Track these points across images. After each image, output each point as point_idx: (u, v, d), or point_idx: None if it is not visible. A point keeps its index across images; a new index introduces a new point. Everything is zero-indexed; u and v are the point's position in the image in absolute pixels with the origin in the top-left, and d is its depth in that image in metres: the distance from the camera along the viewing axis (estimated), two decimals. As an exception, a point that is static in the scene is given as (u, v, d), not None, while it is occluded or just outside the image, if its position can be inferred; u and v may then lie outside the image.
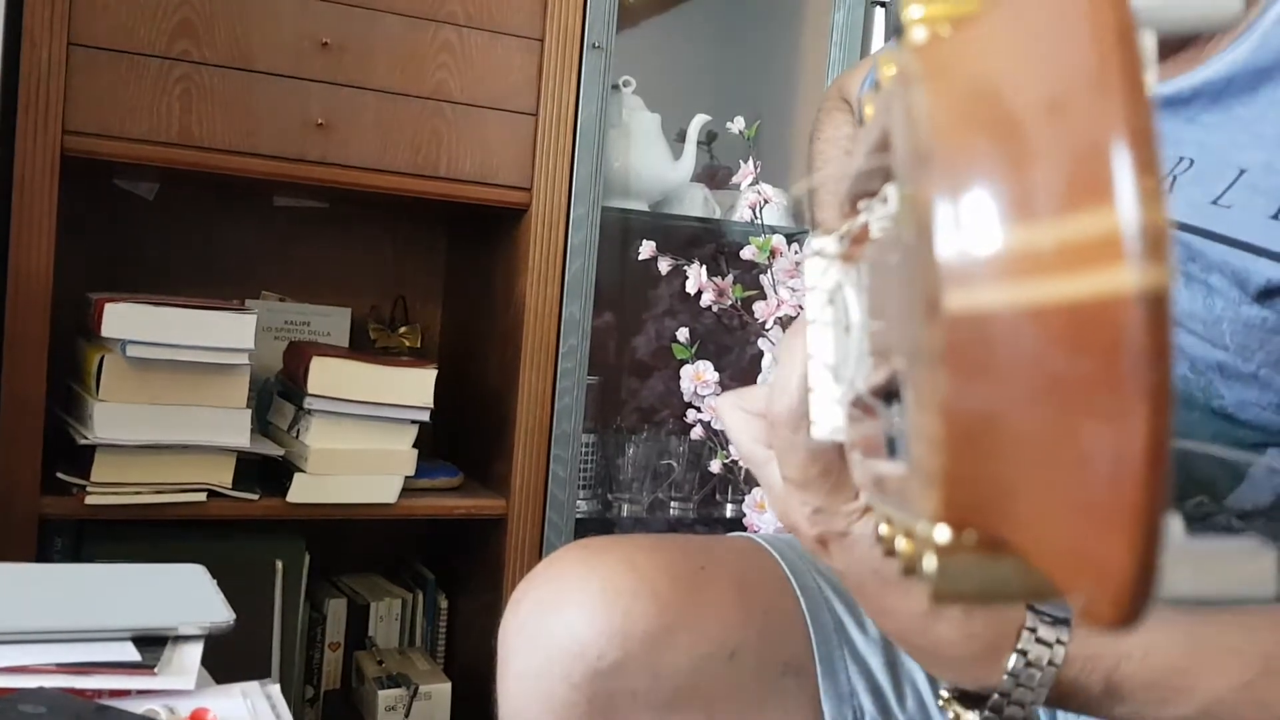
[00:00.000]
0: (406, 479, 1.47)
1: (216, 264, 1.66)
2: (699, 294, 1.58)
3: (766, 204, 1.63)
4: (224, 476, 1.35)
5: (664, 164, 1.73)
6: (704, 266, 1.58)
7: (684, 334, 1.61)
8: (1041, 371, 0.20)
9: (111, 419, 1.27)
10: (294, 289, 1.71)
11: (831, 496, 0.47)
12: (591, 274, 1.54)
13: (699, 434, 1.62)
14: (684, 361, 1.60)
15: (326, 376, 1.40)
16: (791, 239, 1.64)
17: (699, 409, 1.60)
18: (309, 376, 1.40)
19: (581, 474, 1.65)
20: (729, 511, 1.80)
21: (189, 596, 0.83)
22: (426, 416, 1.46)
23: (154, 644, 0.74)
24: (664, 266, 1.60)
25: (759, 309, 1.58)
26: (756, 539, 0.77)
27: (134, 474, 1.29)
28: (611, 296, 1.83)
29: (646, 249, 1.59)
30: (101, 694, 0.69)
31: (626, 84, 1.72)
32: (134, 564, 0.89)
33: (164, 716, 0.68)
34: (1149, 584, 0.19)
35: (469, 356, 1.70)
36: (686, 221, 1.78)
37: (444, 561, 1.74)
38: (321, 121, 1.38)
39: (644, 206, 1.73)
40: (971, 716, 0.52)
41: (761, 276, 1.60)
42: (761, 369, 1.60)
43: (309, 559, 1.52)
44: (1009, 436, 0.21)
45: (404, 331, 1.76)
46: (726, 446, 1.60)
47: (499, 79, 1.47)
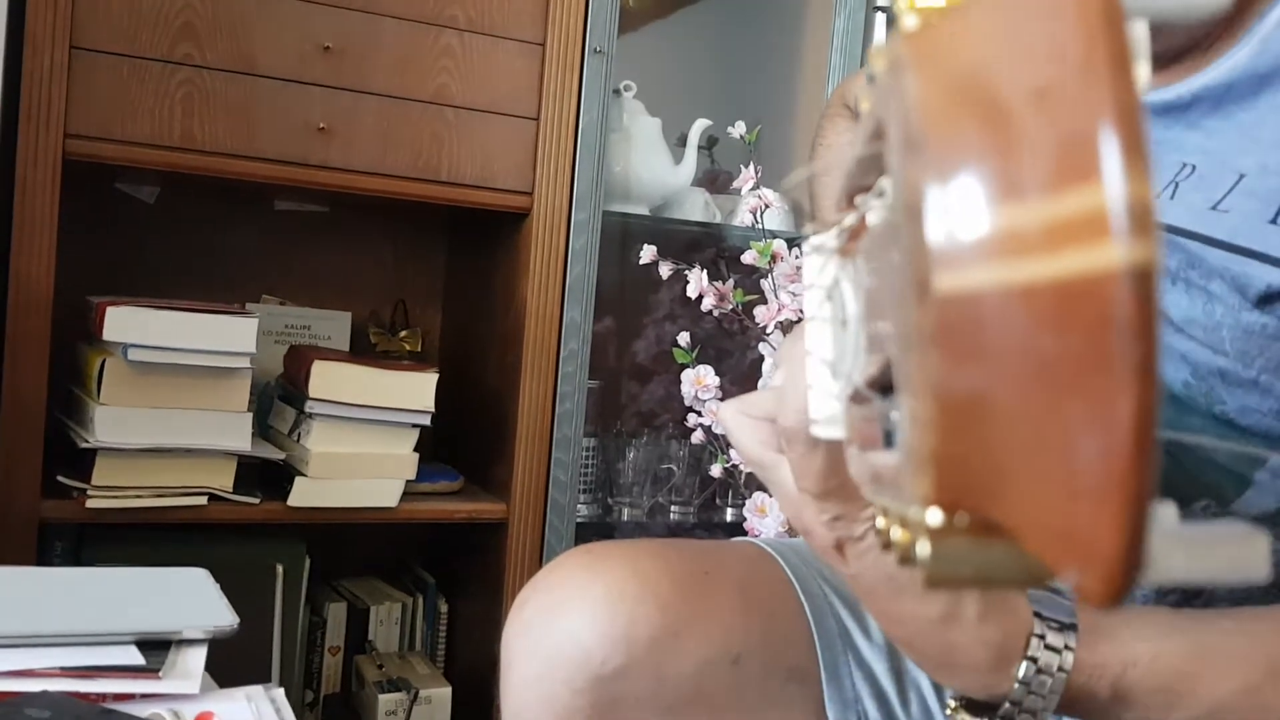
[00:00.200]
0: (407, 483, 1.47)
1: (217, 268, 1.66)
2: (700, 298, 1.58)
3: (767, 209, 1.63)
4: (225, 480, 1.35)
5: (665, 168, 1.73)
6: (705, 271, 1.58)
7: (685, 338, 1.61)
8: (1030, 350, 0.20)
9: (112, 422, 1.27)
10: (294, 293, 1.71)
11: (849, 504, 0.47)
12: (592, 278, 1.54)
13: (700, 438, 1.62)
14: (685, 366, 1.60)
15: (328, 380, 1.40)
16: (792, 244, 1.64)
17: (700, 413, 1.60)
18: (310, 380, 1.40)
19: (582, 478, 1.65)
20: (729, 516, 1.80)
21: (192, 600, 0.83)
22: (428, 421, 1.46)
23: (158, 648, 0.74)
24: (665, 271, 1.60)
25: (760, 313, 1.58)
26: (761, 544, 0.77)
27: (135, 477, 1.29)
28: (612, 301, 1.83)
29: (647, 253, 1.59)
30: (106, 698, 0.69)
31: (628, 88, 1.73)
32: (137, 567, 0.89)
33: (168, 721, 0.68)
34: (1137, 561, 0.20)
35: (469, 360, 1.70)
36: (687, 226, 1.78)
37: (444, 565, 1.74)
38: (323, 125, 1.38)
39: (645, 211, 1.73)
40: None
41: (762, 281, 1.60)
42: (762, 373, 1.60)
43: (309, 563, 1.52)
44: (999, 416, 0.21)
45: (404, 335, 1.76)
46: (727, 451, 1.60)
47: (500, 83, 1.47)
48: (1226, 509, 0.61)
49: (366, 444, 1.44)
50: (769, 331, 1.58)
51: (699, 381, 1.59)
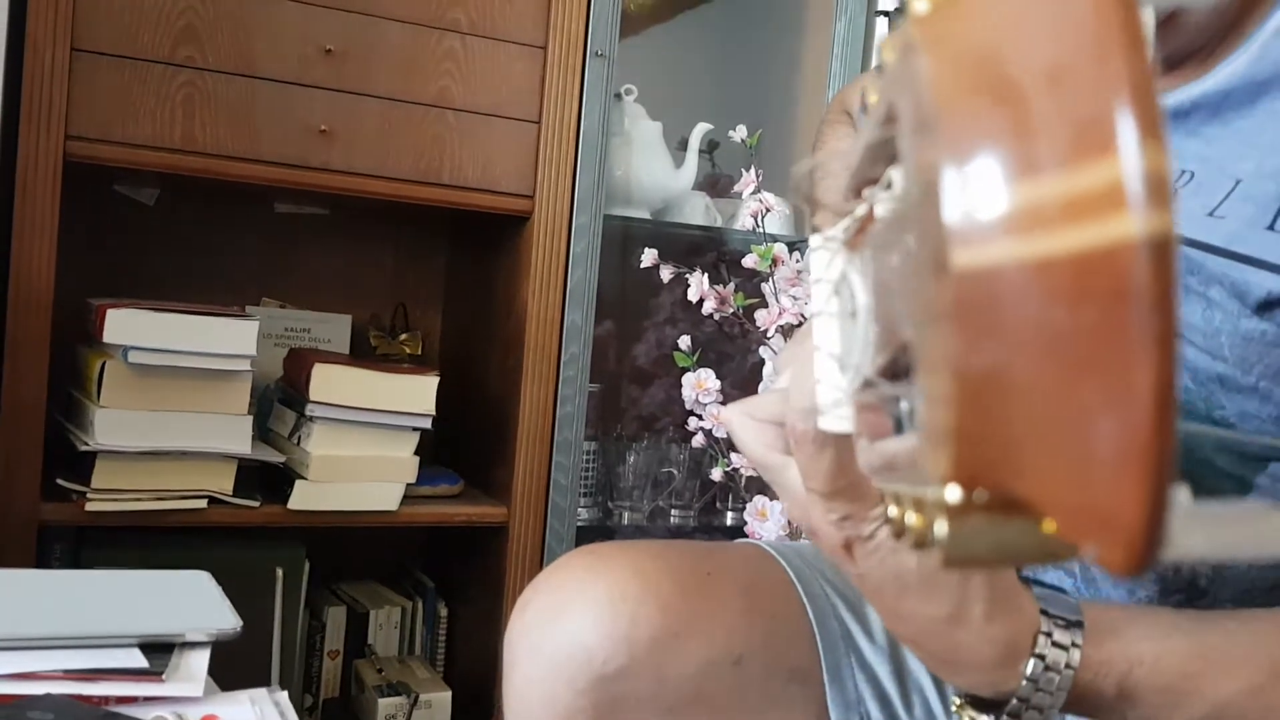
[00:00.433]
0: (407, 486, 1.47)
1: (216, 270, 1.66)
2: (700, 302, 1.58)
3: (768, 212, 1.63)
4: (225, 483, 1.35)
5: (666, 172, 1.73)
6: (706, 275, 1.58)
7: (685, 342, 1.61)
8: (1048, 324, 0.20)
9: (112, 425, 1.26)
10: (294, 295, 1.71)
11: (858, 504, 0.47)
12: (593, 282, 1.54)
13: (700, 442, 1.62)
14: (685, 369, 1.60)
15: (329, 383, 1.40)
16: (793, 248, 1.64)
17: (700, 417, 1.60)
18: (311, 383, 1.39)
19: (582, 482, 1.65)
20: (729, 519, 1.80)
21: (195, 603, 0.82)
22: (428, 424, 1.46)
23: (161, 651, 0.74)
24: (666, 274, 1.60)
25: (760, 317, 1.58)
26: (763, 546, 0.77)
27: (135, 480, 1.29)
28: (613, 304, 1.83)
29: (648, 257, 1.60)
30: (109, 700, 0.69)
31: (629, 92, 1.73)
32: (138, 570, 0.89)
33: (170, 723, 0.68)
34: (1160, 530, 0.20)
35: (470, 364, 1.70)
36: (688, 230, 1.78)
37: (444, 569, 1.74)
38: (324, 128, 1.38)
39: (646, 215, 1.73)
40: None
41: (763, 285, 1.60)
42: (763, 377, 1.60)
43: (308, 566, 1.52)
44: (1018, 390, 0.21)
45: (404, 339, 1.76)
46: (728, 455, 1.60)
47: (502, 86, 1.47)
48: None
49: (367, 447, 1.44)
50: (770, 335, 1.58)
51: (700, 385, 1.59)
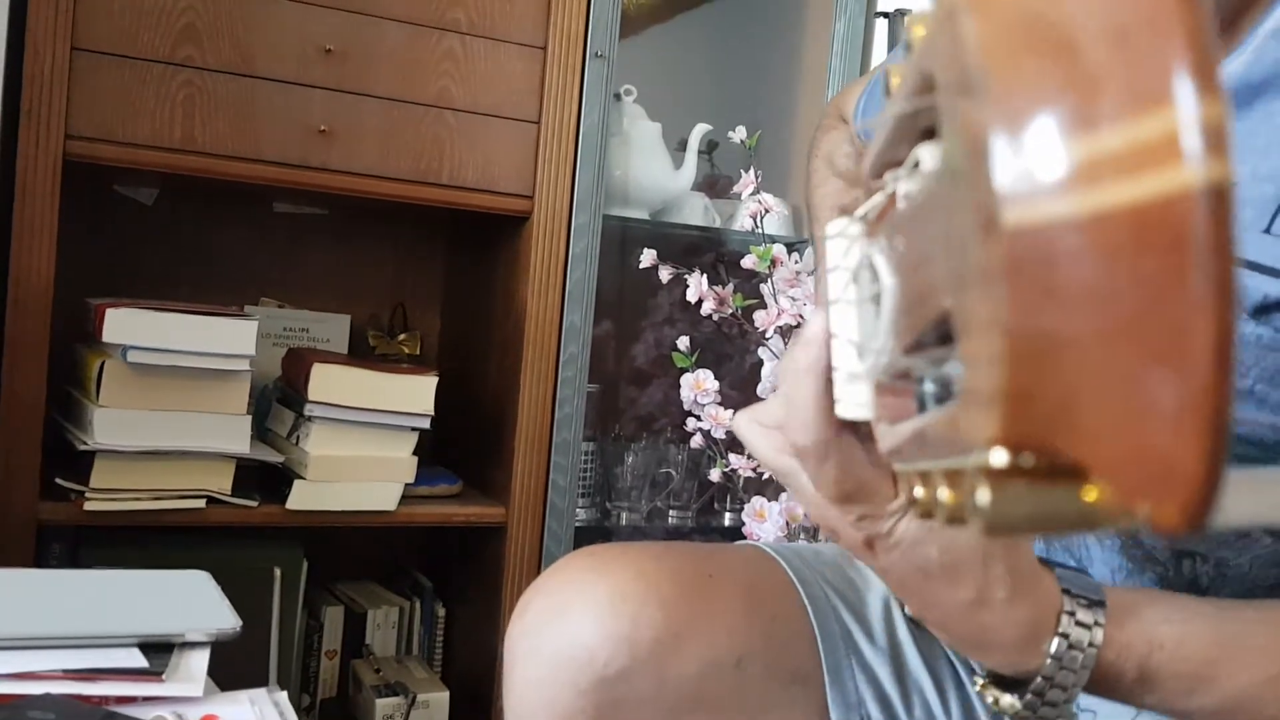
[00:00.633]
0: (406, 486, 1.47)
1: (215, 270, 1.66)
2: (699, 303, 1.58)
3: (767, 213, 1.63)
4: (223, 483, 1.35)
5: (665, 173, 1.73)
6: (704, 275, 1.58)
7: (684, 342, 1.61)
8: (1104, 278, 0.20)
9: (111, 425, 1.26)
10: (293, 295, 1.71)
11: (872, 503, 0.48)
12: (592, 282, 1.54)
13: (698, 442, 1.62)
14: (684, 370, 1.60)
15: (327, 383, 1.40)
16: (792, 248, 1.64)
17: (699, 417, 1.60)
18: (310, 383, 1.39)
19: (580, 482, 1.65)
20: (728, 520, 1.80)
21: (194, 603, 0.82)
22: (427, 424, 1.46)
23: (160, 650, 0.74)
24: (664, 275, 1.60)
25: (759, 318, 1.58)
26: (764, 548, 0.77)
27: (133, 480, 1.29)
28: (612, 305, 1.83)
29: (647, 258, 1.59)
30: (109, 700, 0.69)
31: (628, 93, 1.73)
32: (138, 570, 0.89)
33: (170, 723, 0.68)
34: (1218, 482, 0.20)
35: (468, 364, 1.70)
36: (687, 230, 1.78)
37: (442, 569, 1.74)
38: (324, 128, 1.38)
39: (645, 215, 1.73)
40: (1010, 699, 0.52)
41: (762, 285, 1.61)
42: (762, 378, 1.60)
43: (306, 566, 1.52)
44: (1072, 346, 0.21)
45: (403, 339, 1.76)
46: (726, 455, 1.60)
47: (502, 87, 1.47)
48: None
49: (365, 447, 1.44)
50: (768, 336, 1.58)
51: (698, 386, 1.59)
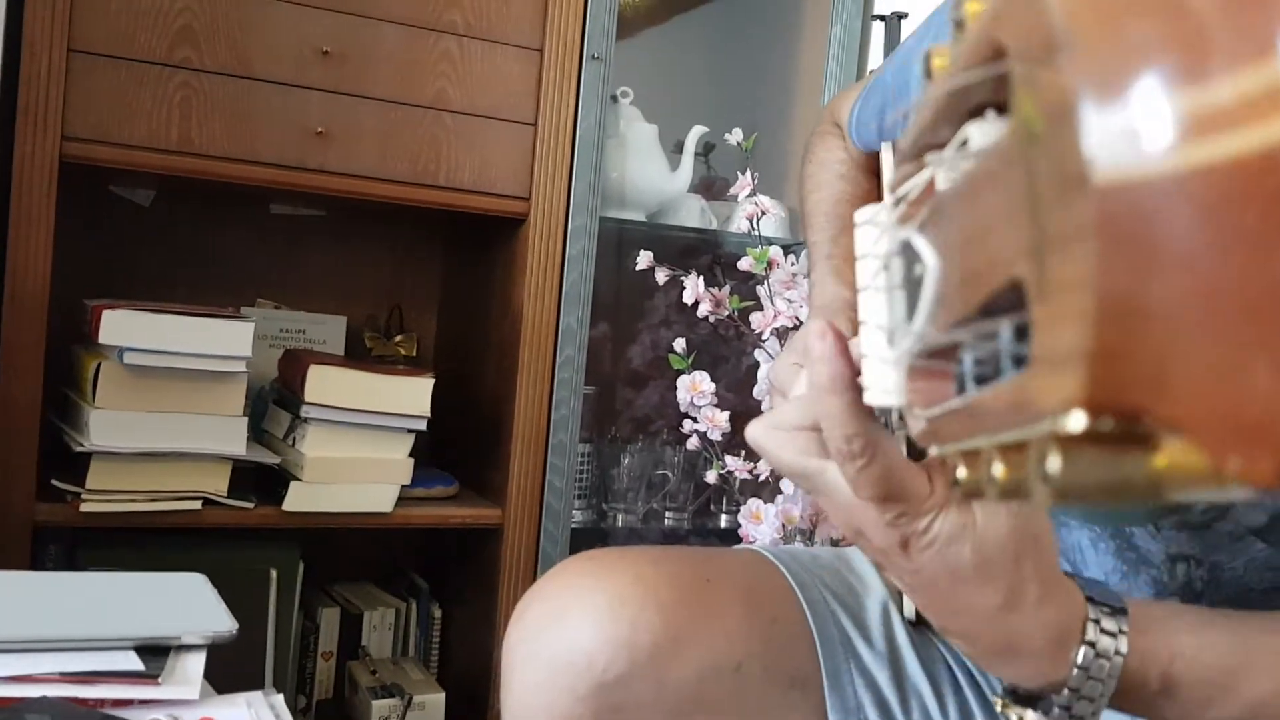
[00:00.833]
0: (402, 488, 1.47)
1: (211, 271, 1.66)
2: (695, 305, 1.58)
3: (763, 215, 1.63)
4: (219, 484, 1.34)
5: (661, 175, 1.74)
6: (701, 277, 1.59)
7: (680, 344, 1.61)
8: (1204, 232, 0.20)
9: (107, 426, 1.26)
10: (290, 296, 1.71)
11: (909, 502, 0.47)
12: (589, 284, 1.54)
13: (694, 444, 1.62)
14: (680, 372, 1.60)
15: (324, 385, 1.40)
16: (788, 250, 1.64)
17: (695, 419, 1.60)
18: (306, 384, 1.39)
19: (577, 484, 1.65)
20: (724, 522, 1.80)
21: (191, 605, 0.82)
22: (424, 426, 1.46)
23: (157, 653, 0.74)
24: (661, 277, 1.60)
25: (755, 320, 1.58)
26: (762, 551, 0.77)
27: (129, 481, 1.29)
28: (608, 306, 1.83)
29: (644, 259, 1.60)
30: (105, 703, 0.69)
31: (625, 95, 1.73)
32: (135, 572, 0.89)
33: (167, 727, 0.68)
34: None
35: (465, 366, 1.70)
36: (684, 232, 1.78)
37: (438, 571, 1.74)
38: (321, 130, 1.38)
39: (641, 217, 1.73)
40: (1034, 716, 0.51)
41: (758, 288, 1.61)
42: (758, 380, 1.60)
43: (303, 567, 1.52)
44: (1165, 302, 0.21)
45: (399, 340, 1.75)
46: (722, 457, 1.60)
47: (498, 89, 1.47)
48: (1224, 515, 0.61)
49: (362, 449, 1.44)
50: (765, 338, 1.58)
51: (694, 388, 1.59)
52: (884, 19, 1.79)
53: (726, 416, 1.57)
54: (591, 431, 1.76)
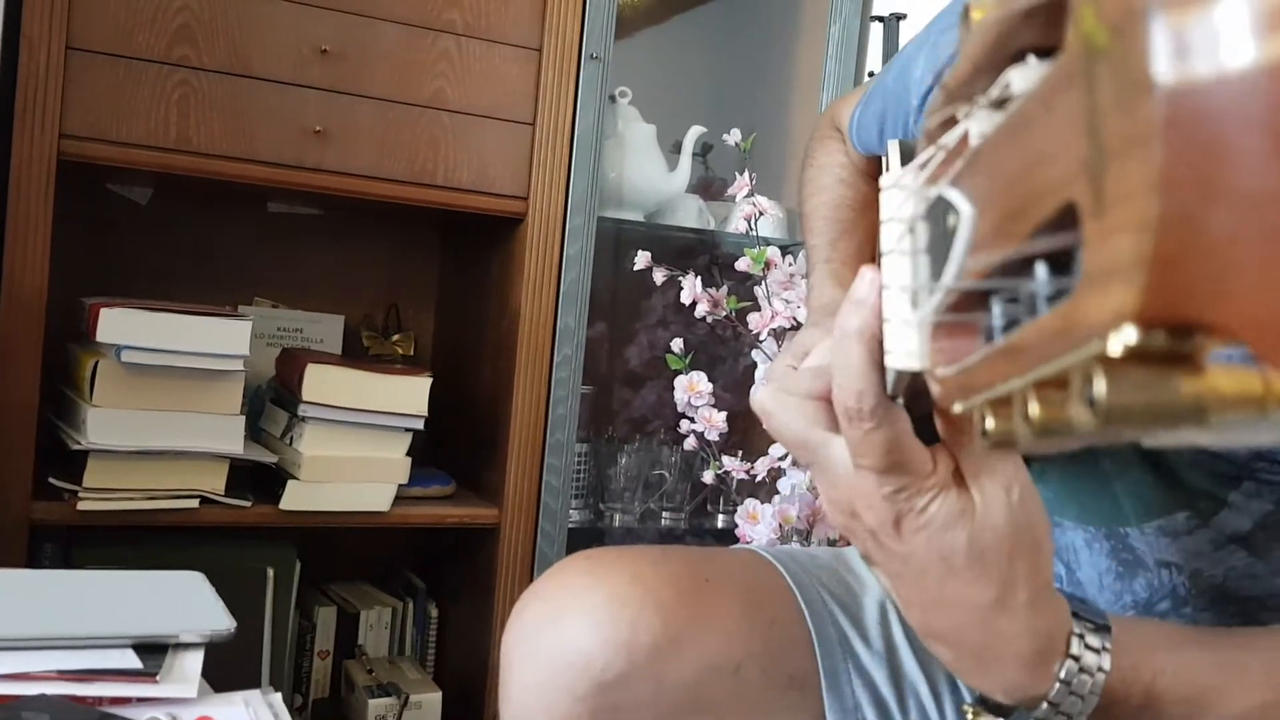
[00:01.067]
0: (399, 487, 1.47)
1: (208, 270, 1.66)
2: (693, 305, 1.58)
3: (761, 216, 1.63)
4: (216, 483, 1.34)
5: (659, 175, 1.74)
6: (698, 277, 1.59)
7: (678, 344, 1.61)
8: (1273, 129, 0.20)
9: (105, 424, 1.26)
10: (287, 295, 1.70)
11: (911, 476, 0.46)
12: (587, 284, 1.54)
13: (692, 444, 1.62)
14: (678, 372, 1.60)
15: (322, 384, 1.40)
16: (786, 251, 1.64)
17: (692, 419, 1.60)
18: (304, 383, 1.39)
19: (574, 484, 1.65)
20: (720, 522, 1.80)
21: (189, 604, 0.82)
22: (421, 425, 1.46)
23: (155, 651, 0.74)
24: (659, 277, 1.60)
25: (753, 320, 1.58)
26: (760, 552, 0.78)
27: (126, 480, 1.29)
28: (605, 306, 1.83)
29: (641, 259, 1.60)
30: (103, 701, 0.69)
31: (623, 95, 1.73)
32: (132, 570, 0.89)
33: (165, 725, 0.68)
34: None
35: (462, 365, 1.70)
36: (681, 232, 1.78)
37: (435, 570, 1.74)
38: (319, 129, 1.38)
39: (639, 217, 1.73)
40: None
41: (756, 288, 1.61)
42: (755, 380, 1.60)
43: (299, 567, 1.51)
44: (1228, 203, 0.21)
45: (397, 339, 1.75)
46: (719, 457, 1.61)
47: (497, 88, 1.47)
48: (1206, 523, 0.62)
49: (359, 448, 1.44)
50: (762, 339, 1.58)
51: (692, 388, 1.59)
52: (883, 20, 1.79)
53: (724, 417, 1.58)
54: (589, 431, 1.76)
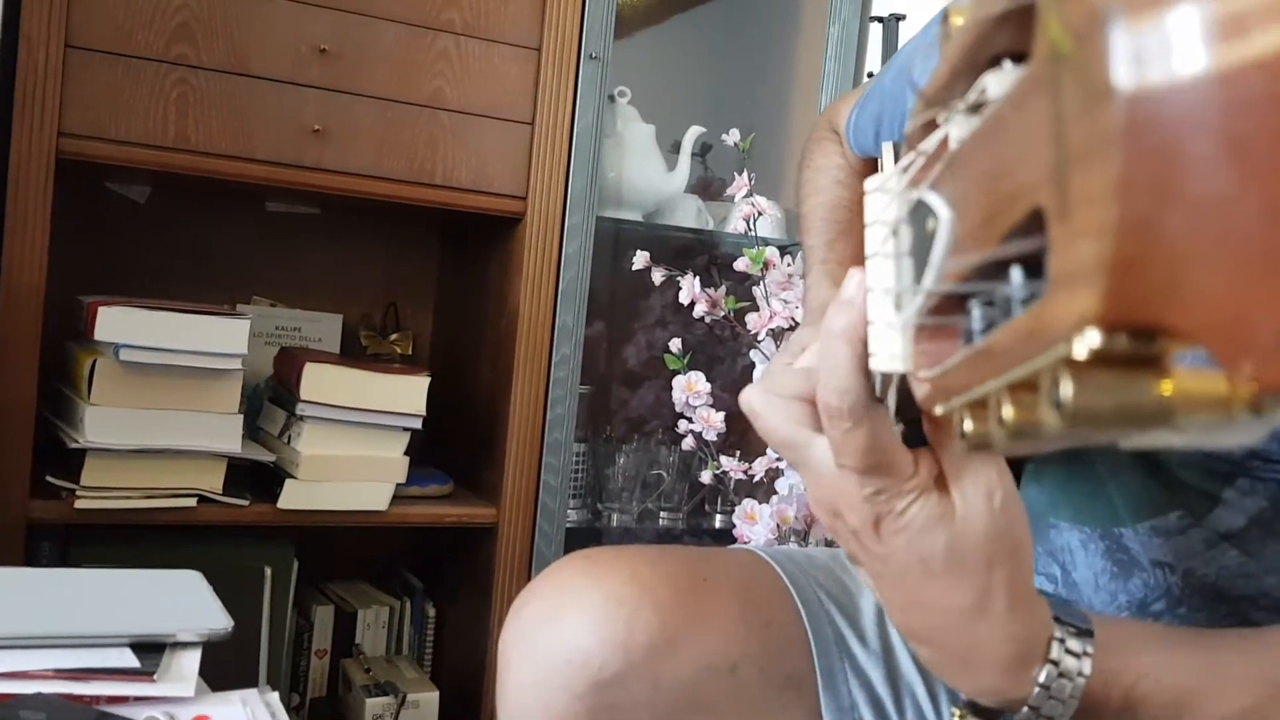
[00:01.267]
0: (397, 487, 1.47)
1: (207, 268, 1.66)
2: (691, 305, 1.58)
3: (760, 216, 1.63)
4: (214, 482, 1.34)
5: (658, 175, 1.74)
6: (697, 277, 1.59)
7: (676, 344, 1.61)
8: (1229, 135, 0.20)
9: (103, 423, 1.26)
10: (285, 294, 1.70)
11: (891, 478, 0.46)
12: (585, 284, 1.54)
13: (690, 444, 1.62)
14: (676, 372, 1.60)
15: (319, 383, 1.40)
16: (784, 251, 1.64)
17: (690, 419, 1.60)
18: (302, 382, 1.39)
19: (571, 483, 1.65)
20: (718, 522, 1.80)
21: (186, 603, 0.82)
22: (419, 424, 1.46)
23: (152, 650, 0.74)
24: (657, 277, 1.60)
25: (751, 320, 1.58)
26: (758, 551, 0.78)
27: (124, 478, 1.29)
28: (604, 306, 1.83)
29: (640, 259, 1.60)
30: (100, 700, 0.69)
31: (622, 94, 1.73)
32: (130, 569, 0.89)
33: (162, 724, 0.68)
34: None
35: (460, 364, 1.70)
36: (680, 232, 1.78)
37: (433, 569, 1.74)
38: (318, 128, 1.38)
39: (638, 217, 1.73)
40: None
41: (754, 288, 1.61)
42: (753, 380, 1.60)
43: (297, 565, 1.51)
44: (1186, 209, 0.21)
45: (395, 338, 1.75)
46: (717, 457, 1.61)
47: (496, 88, 1.47)
48: (1199, 522, 0.62)
49: (357, 447, 1.44)
50: (760, 339, 1.58)
51: (690, 388, 1.60)
52: (882, 20, 1.79)
53: (722, 417, 1.58)
54: (587, 431, 1.76)
